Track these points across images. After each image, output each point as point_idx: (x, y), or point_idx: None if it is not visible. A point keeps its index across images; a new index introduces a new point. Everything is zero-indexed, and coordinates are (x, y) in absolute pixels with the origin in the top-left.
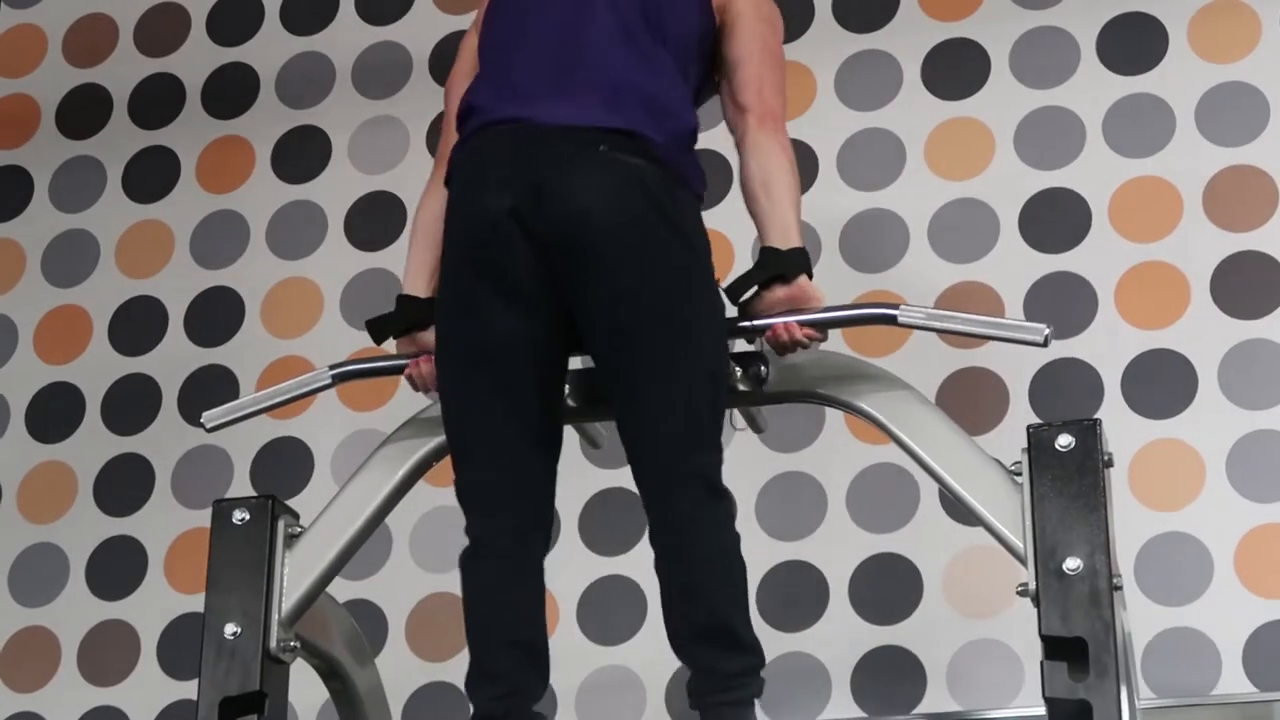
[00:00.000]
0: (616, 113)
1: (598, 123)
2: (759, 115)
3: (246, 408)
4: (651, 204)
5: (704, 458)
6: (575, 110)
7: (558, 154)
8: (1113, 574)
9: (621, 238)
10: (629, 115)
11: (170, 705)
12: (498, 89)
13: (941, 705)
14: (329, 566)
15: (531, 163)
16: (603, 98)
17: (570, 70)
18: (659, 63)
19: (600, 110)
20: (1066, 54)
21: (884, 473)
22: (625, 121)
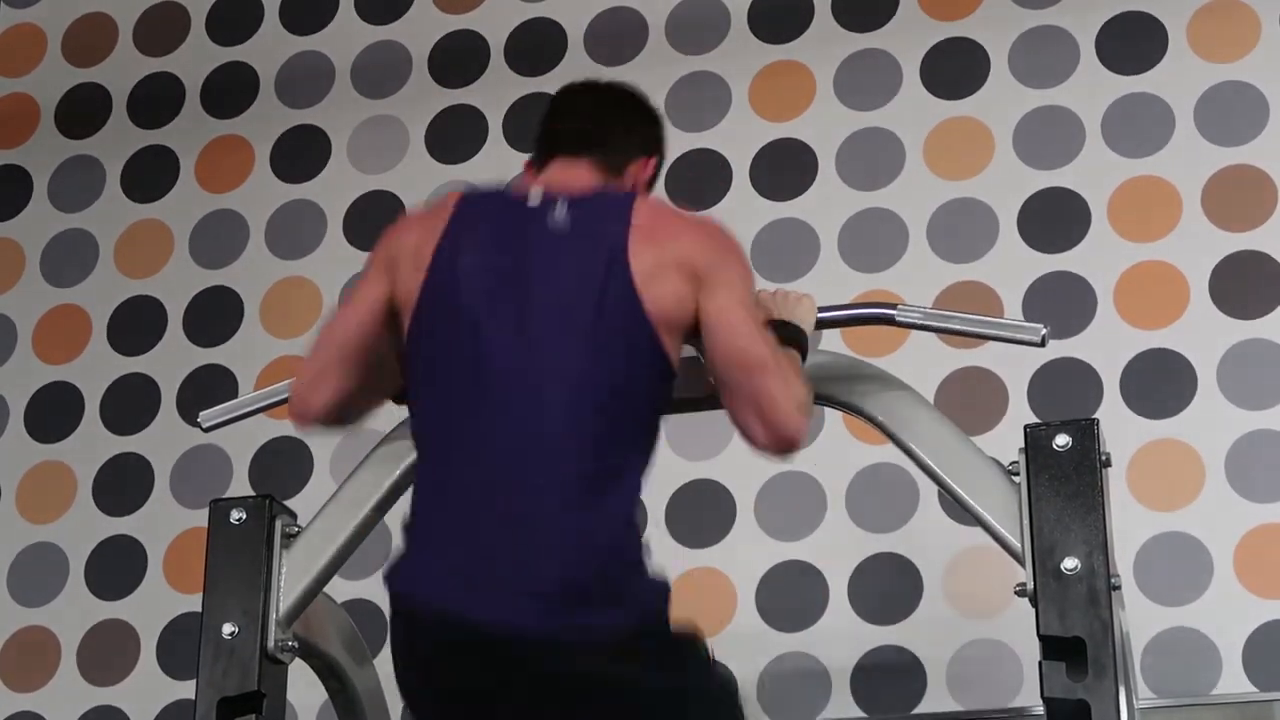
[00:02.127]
0: (569, 604)
1: (545, 625)
2: (768, 446)
3: (243, 407)
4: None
5: None
6: (517, 608)
7: (515, 638)
8: (1111, 574)
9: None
10: (582, 605)
11: (169, 705)
12: (433, 512)
13: (941, 705)
14: (327, 566)
15: (485, 638)
16: (553, 584)
17: (513, 540)
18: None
19: (552, 606)
20: (1066, 53)
21: (883, 473)
22: (578, 614)
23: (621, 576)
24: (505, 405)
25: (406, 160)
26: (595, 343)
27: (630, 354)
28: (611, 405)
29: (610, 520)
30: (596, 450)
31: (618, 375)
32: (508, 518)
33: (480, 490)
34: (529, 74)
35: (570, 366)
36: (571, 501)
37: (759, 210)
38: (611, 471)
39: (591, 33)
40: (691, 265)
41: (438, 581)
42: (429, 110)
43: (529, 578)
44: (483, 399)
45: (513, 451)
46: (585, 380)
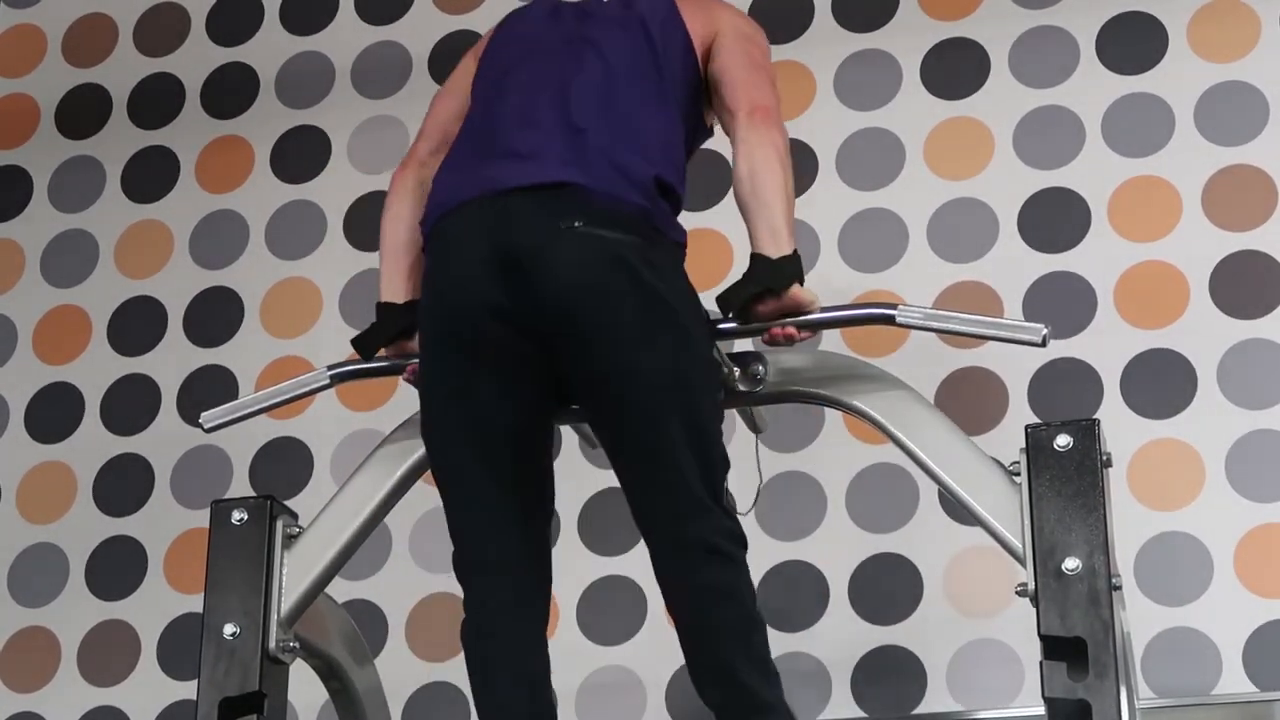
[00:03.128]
0: (594, 169)
1: (573, 179)
2: (747, 111)
3: (245, 408)
4: (631, 279)
5: (706, 524)
6: (550, 167)
7: (533, 236)
8: (1112, 574)
9: (603, 320)
10: (605, 172)
11: (170, 706)
12: (476, 139)
13: (941, 705)
14: (328, 566)
15: (507, 247)
16: (581, 151)
17: (553, 124)
18: (647, 110)
19: (577, 166)
20: (1066, 53)
21: (883, 473)
22: (601, 180)
23: (649, 190)
24: (558, 66)
25: None
26: (647, 44)
27: (669, 64)
28: (641, 97)
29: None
30: (643, 112)
31: (663, 65)
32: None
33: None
34: None
35: (622, 54)
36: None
37: None
38: (654, 133)
39: None
40: (719, 20)
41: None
42: None
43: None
44: (539, 70)
45: (560, 95)
46: (635, 61)
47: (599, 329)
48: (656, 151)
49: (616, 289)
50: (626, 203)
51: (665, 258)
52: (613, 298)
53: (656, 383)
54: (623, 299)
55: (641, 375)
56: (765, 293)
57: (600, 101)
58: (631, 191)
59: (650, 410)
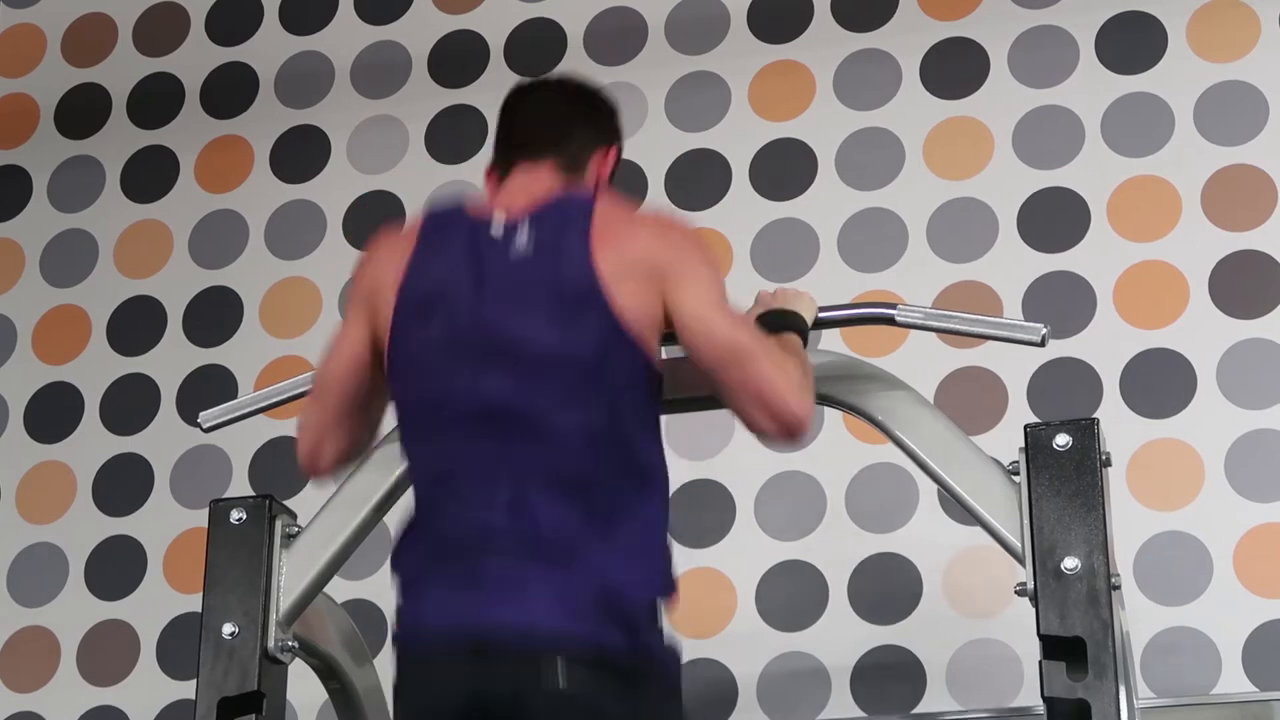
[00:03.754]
0: (578, 608)
1: (558, 627)
2: (774, 433)
3: (244, 407)
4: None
5: None
6: (532, 607)
7: (515, 692)
8: (1111, 573)
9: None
10: (590, 610)
11: (169, 705)
12: (425, 533)
13: (941, 705)
14: (327, 566)
15: (487, 704)
16: (562, 583)
17: (524, 536)
18: (618, 489)
19: (559, 606)
20: (1065, 53)
21: (883, 473)
22: (585, 621)
23: (631, 612)
24: (490, 438)
25: (406, 160)
26: (577, 367)
27: (611, 359)
28: (607, 430)
29: (620, 554)
30: (596, 481)
31: (603, 389)
32: (505, 557)
33: (473, 535)
34: (529, 74)
35: (551, 395)
36: (575, 540)
37: (759, 210)
38: (616, 503)
39: (591, 33)
40: (652, 264)
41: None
42: (429, 110)
43: (538, 593)
44: (464, 436)
45: (498, 500)
46: (571, 403)
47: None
48: (639, 548)
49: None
50: (610, 648)
51: (651, 693)
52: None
53: None
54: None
55: None
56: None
57: (566, 490)
58: (617, 631)
59: None
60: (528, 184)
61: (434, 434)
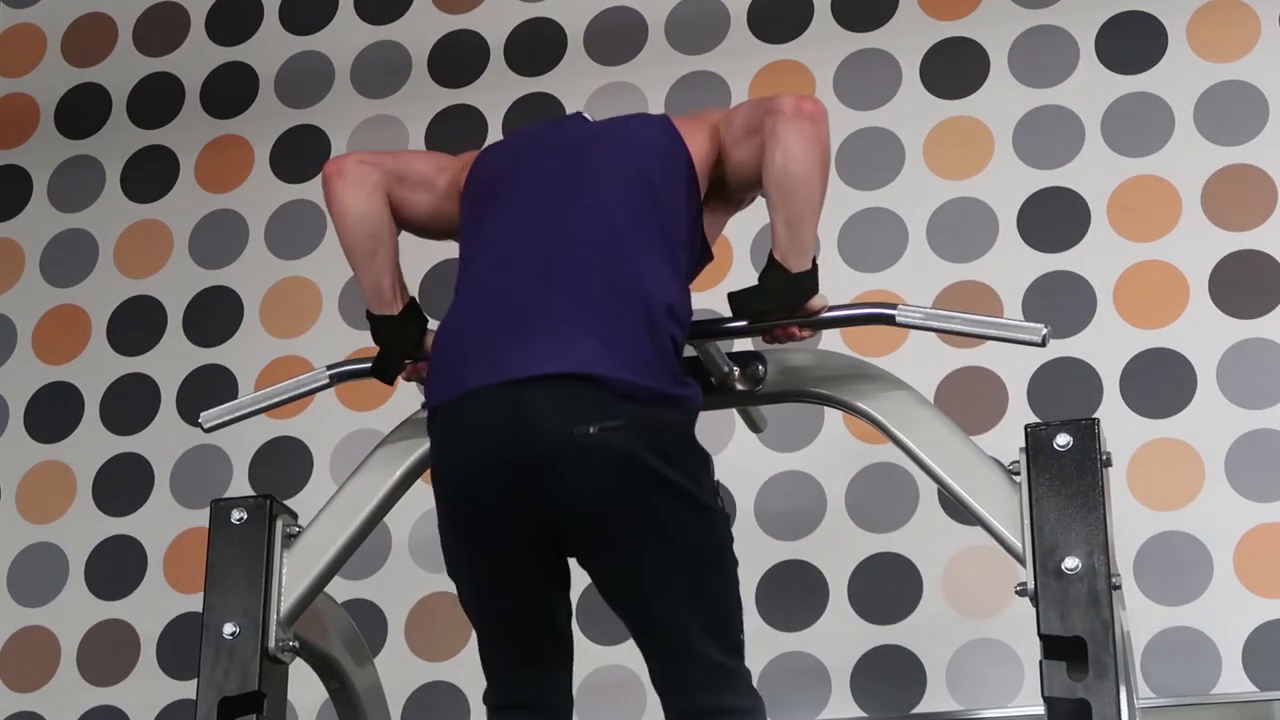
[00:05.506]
0: (605, 345)
1: (584, 369)
2: (794, 104)
3: (244, 408)
4: (647, 482)
5: (722, 688)
6: (569, 353)
7: (548, 443)
8: (1111, 573)
9: (620, 526)
10: (623, 354)
11: (169, 705)
12: (476, 307)
13: (941, 705)
14: (327, 566)
15: (521, 452)
16: (588, 318)
17: (568, 295)
18: (656, 266)
19: (586, 346)
20: (1065, 53)
21: (883, 472)
22: (614, 363)
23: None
24: (559, 215)
25: None
26: (646, 181)
27: (671, 184)
28: (649, 226)
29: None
30: (635, 247)
31: (657, 198)
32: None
33: (520, 277)
34: (529, 74)
35: (623, 195)
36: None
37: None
38: (649, 266)
39: (591, 33)
40: (715, 118)
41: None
42: (429, 110)
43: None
44: (539, 220)
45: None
46: (637, 201)
47: (616, 533)
48: (670, 313)
49: (632, 495)
50: (642, 388)
51: (679, 436)
52: (628, 504)
53: (677, 578)
54: (639, 505)
55: (656, 570)
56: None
57: (610, 264)
58: (647, 373)
59: (664, 598)
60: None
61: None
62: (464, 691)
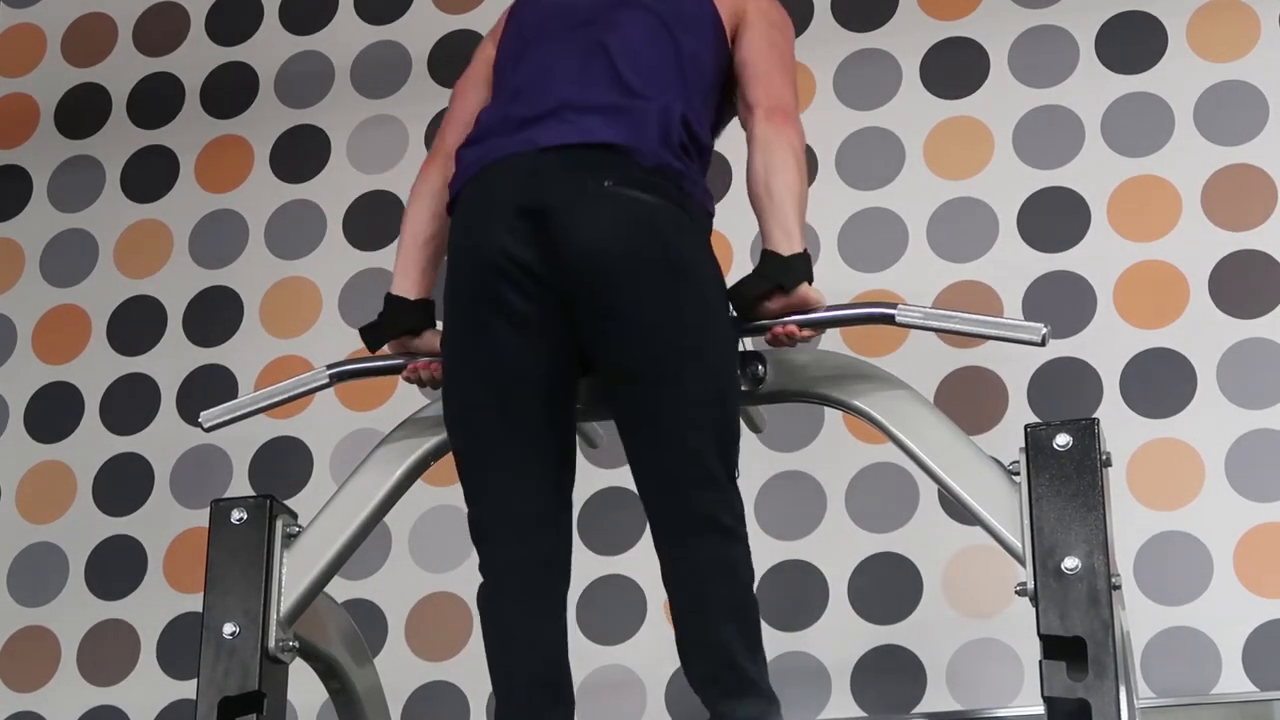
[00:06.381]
0: (626, 125)
1: (604, 139)
2: (766, 109)
3: (244, 407)
4: (659, 244)
5: (715, 498)
6: (581, 128)
7: (561, 193)
8: (1111, 573)
9: (628, 282)
10: (638, 129)
11: (170, 705)
12: (506, 106)
13: (941, 705)
14: (327, 566)
15: (537, 203)
16: (613, 108)
17: (584, 79)
18: (677, 76)
19: (608, 124)
20: (1065, 53)
21: (883, 472)
22: (633, 137)
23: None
24: (593, 29)
25: (406, 160)
26: (669, 17)
27: (699, 35)
28: (675, 59)
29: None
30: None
31: (685, 42)
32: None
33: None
34: None
35: (656, 21)
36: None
37: None
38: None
39: None
40: (748, 5)
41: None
42: (429, 110)
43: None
44: (571, 33)
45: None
46: (669, 29)
47: (622, 289)
48: (698, 107)
49: (643, 252)
50: (662, 165)
51: (694, 226)
52: (639, 260)
53: (678, 348)
54: (649, 262)
55: (663, 340)
56: (775, 290)
57: (642, 54)
58: (668, 154)
59: (670, 376)
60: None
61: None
62: (464, 691)
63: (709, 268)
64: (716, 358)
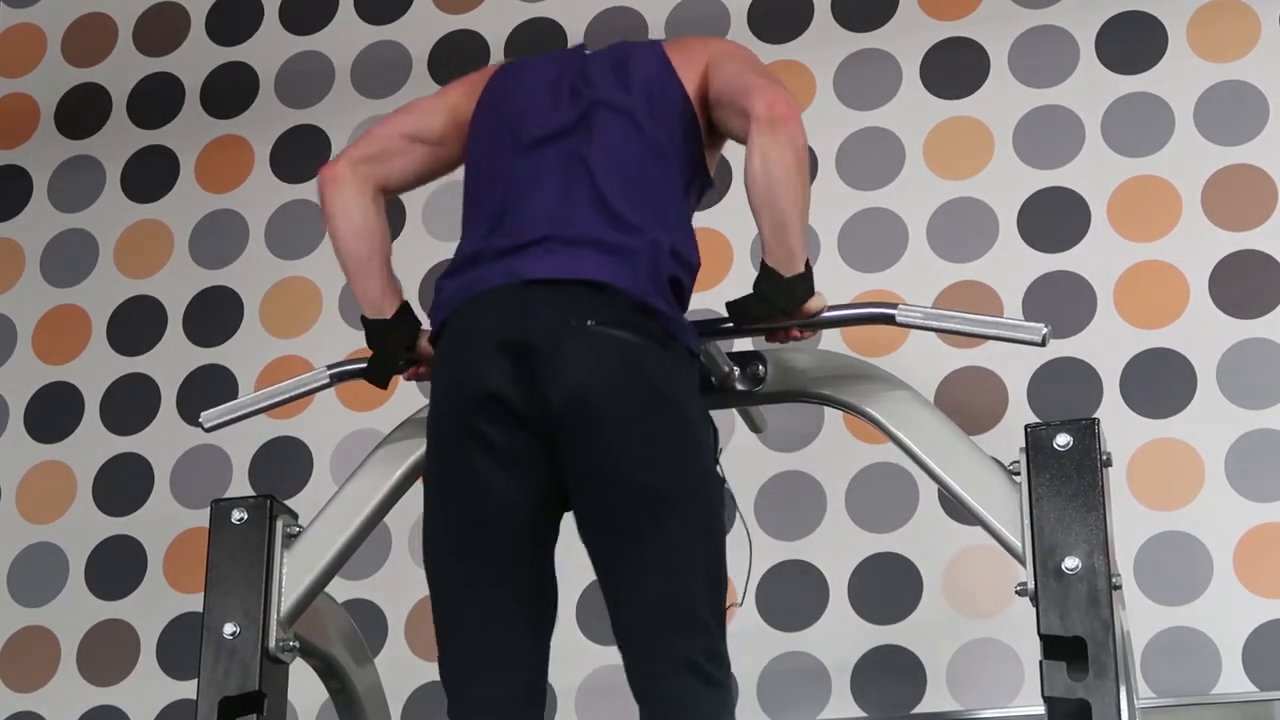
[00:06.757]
0: (615, 264)
1: (592, 276)
2: (766, 110)
3: (245, 407)
4: (643, 383)
5: (700, 645)
6: (567, 262)
7: (547, 329)
8: (1111, 573)
9: (612, 420)
10: (628, 269)
11: (170, 705)
12: (487, 235)
13: (941, 705)
14: (328, 566)
15: (520, 338)
16: (601, 244)
17: (567, 203)
18: (665, 189)
19: (597, 262)
20: (1065, 53)
21: (883, 472)
22: (622, 277)
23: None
24: (571, 139)
25: None
26: (649, 106)
27: (671, 121)
28: (655, 165)
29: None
30: (636, 202)
31: (660, 137)
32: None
33: (518, 225)
34: None
35: (629, 121)
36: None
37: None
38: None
39: (591, 33)
40: (707, 54)
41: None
42: None
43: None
44: (551, 146)
45: (555, 201)
46: (643, 129)
47: (605, 427)
48: (683, 223)
49: (627, 390)
50: (647, 304)
51: (678, 365)
52: (622, 398)
53: (662, 487)
54: (632, 401)
55: (647, 478)
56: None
57: (624, 168)
58: (656, 294)
59: (655, 516)
60: None
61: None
62: None
63: (693, 406)
64: (703, 497)
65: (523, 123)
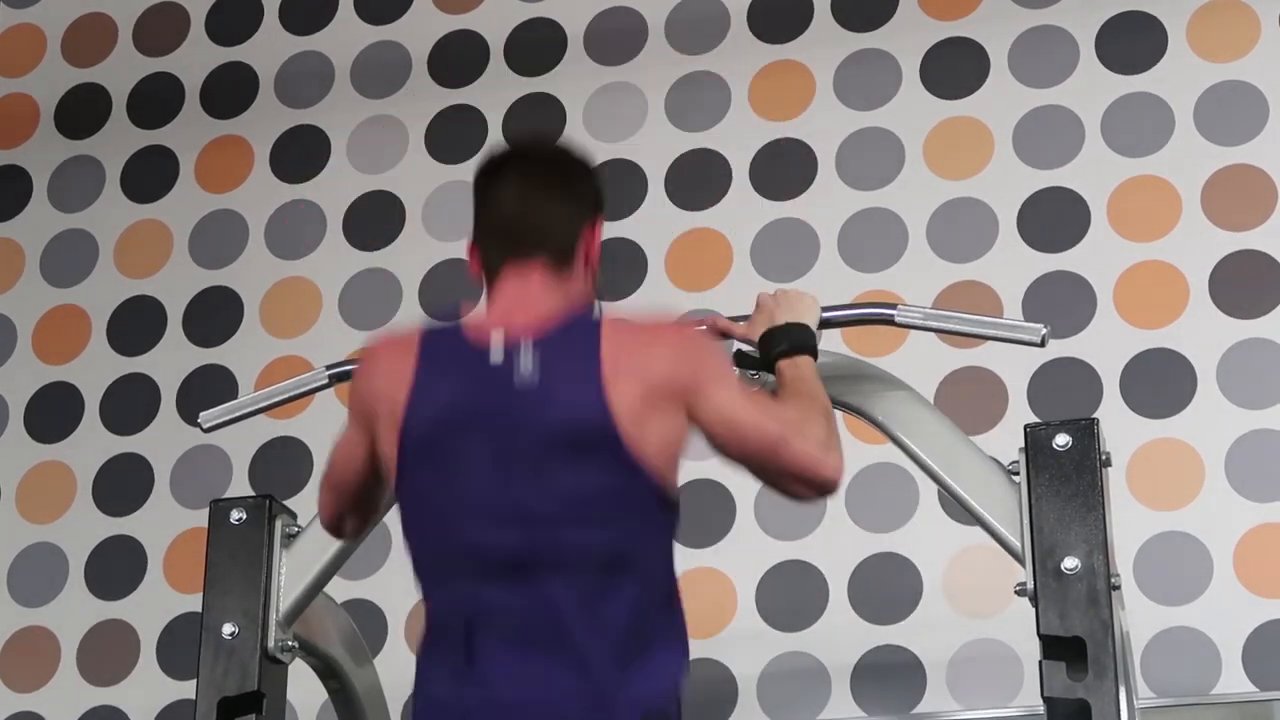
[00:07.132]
0: (588, 684)
1: (566, 703)
2: (816, 495)
3: (244, 408)
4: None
5: None
6: (541, 686)
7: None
8: (1111, 573)
9: None
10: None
11: (169, 705)
12: (451, 666)
13: (941, 705)
14: (327, 566)
15: None
16: (574, 669)
17: (537, 641)
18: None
19: (569, 684)
20: (1065, 53)
21: (884, 473)
22: (601, 695)
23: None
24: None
25: (406, 160)
26: (592, 511)
27: (629, 509)
28: (620, 572)
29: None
30: (610, 630)
31: (621, 538)
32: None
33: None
34: (529, 74)
35: (567, 538)
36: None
37: (759, 210)
38: (635, 645)
39: (591, 33)
40: (673, 385)
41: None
42: (429, 110)
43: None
44: (477, 575)
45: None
46: (585, 549)
47: None
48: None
49: None
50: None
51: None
52: None
53: None
54: None
55: None
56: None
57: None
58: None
59: None
60: (521, 294)
61: (448, 578)
62: None
63: None
64: None
65: (448, 535)
